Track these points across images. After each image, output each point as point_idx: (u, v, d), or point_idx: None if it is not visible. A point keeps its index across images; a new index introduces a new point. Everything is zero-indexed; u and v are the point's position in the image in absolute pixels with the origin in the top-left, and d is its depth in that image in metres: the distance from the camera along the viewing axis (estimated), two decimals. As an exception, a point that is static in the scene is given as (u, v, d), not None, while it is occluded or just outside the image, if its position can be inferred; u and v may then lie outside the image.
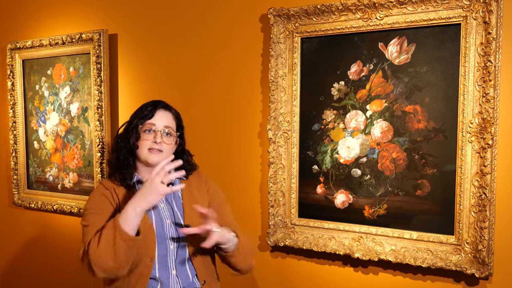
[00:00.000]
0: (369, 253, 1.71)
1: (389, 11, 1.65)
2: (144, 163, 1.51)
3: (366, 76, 1.71)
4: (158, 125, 1.49)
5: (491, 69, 1.49)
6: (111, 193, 1.48)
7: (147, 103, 1.54)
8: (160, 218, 1.47)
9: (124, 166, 1.51)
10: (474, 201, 1.55)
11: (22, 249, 2.75)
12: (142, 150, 1.49)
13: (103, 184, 1.53)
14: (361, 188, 1.75)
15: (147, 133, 1.49)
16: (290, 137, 1.86)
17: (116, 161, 1.53)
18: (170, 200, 1.53)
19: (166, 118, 1.52)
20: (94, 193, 1.52)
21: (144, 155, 1.48)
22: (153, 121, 1.49)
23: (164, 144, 1.49)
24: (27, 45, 2.52)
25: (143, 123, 1.49)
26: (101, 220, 1.42)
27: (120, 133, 1.56)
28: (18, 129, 2.64)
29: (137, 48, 2.26)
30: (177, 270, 1.45)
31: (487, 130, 1.51)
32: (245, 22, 1.96)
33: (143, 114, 1.50)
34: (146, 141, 1.48)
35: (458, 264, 1.57)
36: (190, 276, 1.47)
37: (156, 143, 1.47)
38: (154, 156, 1.48)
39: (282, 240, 1.88)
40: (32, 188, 2.65)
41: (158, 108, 1.52)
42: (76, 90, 2.40)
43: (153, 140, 1.48)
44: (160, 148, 1.48)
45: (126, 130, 1.53)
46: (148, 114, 1.49)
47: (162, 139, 1.49)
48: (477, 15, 1.52)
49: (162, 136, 1.49)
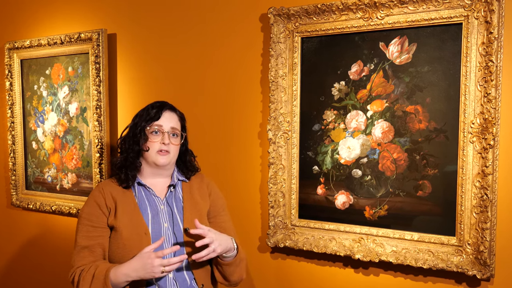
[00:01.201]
0: (369, 254, 1.70)
1: (390, 11, 1.64)
2: (151, 164, 1.52)
3: (367, 76, 1.70)
4: (165, 127, 1.51)
5: (493, 69, 1.48)
6: (105, 201, 1.49)
7: (152, 104, 1.55)
8: (157, 222, 1.47)
9: (131, 168, 1.52)
10: (476, 202, 1.54)
11: (21, 250, 2.74)
12: (151, 151, 1.50)
13: (99, 188, 1.53)
14: (361, 188, 1.73)
15: (154, 134, 1.50)
16: (290, 137, 1.84)
17: (123, 162, 1.52)
18: (171, 202, 1.52)
19: (172, 119, 1.54)
20: (89, 199, 1.53)
21: (153, 157, 1.50)
22: (160, 122, 1.50)
23: (171, 145, 1.50)
24: (26, 45, 2.51)
25: (150, 124, 1.49)
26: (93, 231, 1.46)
27: (125, 135, 1.56)
28: (16, 130, 2.63)
29: (136, 48, 2.24)
30: (175, 274, 1.44)
31: (489, 130, 1.50)
32: (245, 21, 1.95)
33: (149, 116, 1.50)
34: (154, 143, 1.49)
35: (459, 266, 1.56)
36: (188, 280, 1.46)
37: (164, 144, 1.49)
38: (162, 158, 1.49)
39: (282, 241, 1.87)
40: (31, 189, 2.63)
41: (165, 109, 1.53)
42: (75, 90, 2.39)
43: (161, 141, 1.49)
44: (168, 149, 1.50)
45: (133, 132, 1.52)
46: (155, 115, 1.50)
47: (170, 140, 1.50)
48: (478, 15, 1.51)
49: (169, 137, 1.50)
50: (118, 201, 1.47)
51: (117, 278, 1.35)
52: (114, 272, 1.36)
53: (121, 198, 1.48)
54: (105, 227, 1.47)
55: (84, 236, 1.46)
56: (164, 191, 1.54)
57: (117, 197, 1.48)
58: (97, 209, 1.47)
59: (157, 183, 1.55)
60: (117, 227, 1.44)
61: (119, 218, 1.44)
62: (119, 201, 1.47)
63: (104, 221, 1.47)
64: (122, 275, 1.35)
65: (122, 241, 1.42)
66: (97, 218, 1.47)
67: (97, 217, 1.47)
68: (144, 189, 1.53)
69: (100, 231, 1.46)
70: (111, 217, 1.46)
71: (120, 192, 1.50)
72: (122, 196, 1.49)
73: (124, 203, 1.48)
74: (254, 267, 2.00)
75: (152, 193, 1.52)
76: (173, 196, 1.54)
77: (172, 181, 1.56)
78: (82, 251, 1.44)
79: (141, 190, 1.52)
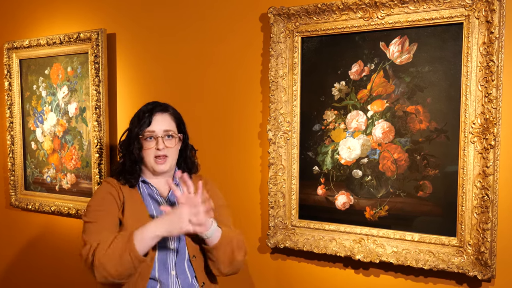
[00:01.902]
0: (370, 255, 1.69)
1: (390, 10, 1.63)
2: (149, 169, 1.52)
3: (367, 76, 1.70)
4: (158, 131, 1.49)
5: (494, 69, 1.48)
6: (117, 191, 1.48)
7: (143, 109, 1.52)
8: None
9: (129, 172, 1.51)
10: (477, 202, 1.54)
11: (20, 250, 2.73)
12: (147, 158, 1.49)
13: (109, 182, 1.52)
14: (362, 189, 1.73)
15: (148, 140, 1.49)
16: (291, 137, 1.84)
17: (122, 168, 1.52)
18: (173, 201, 1.51)
19: (164, 121, 1.51)
20: (99, 191, 1.51)
21: (151, 163, 1.49)
22: (151, 128, 1.48)
23: (167, 149, 1.49)
24: (25, 45, 2.50)
25: (142, 131, 1.48)
26: (105, 217, 1.42)
27: (123, 140, 1.55)
28: (15, 130, 2.62)
29: (136, 48, 2.24)
30: (177, 271, 1.44)
31: (490, 130, 1.50)
32: (245, 21, 1.94)
33: (140, 122, 1.48)
34: (149, 150, 1.48)
35: (460, 266, 1.56)
36: (189, 277, 1.46)
37: (159, 150, 1.47)
38: (160, 166, 1.49)
39: (282, 242, 1.86)
40: (30, 189, 2.62)
41: (154, 113, 1.50)
42: (74, 90, 2.38)
43: (156, 147, 1.47)
44: (165, 154, 1.49)
45: (128, 139, 1.52)
46: (146, 121, 1.48)
47: (165, 144, 1.48)
48: (479, 14, 1.50)
49: (164, 141, 1.48)
50: (126, 197, 1.47)
51: (143, 235, 1.31)
52: (139, 230, 1.32)
53: (128, 194, 1.48)
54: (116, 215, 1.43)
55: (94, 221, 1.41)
56: (167, 190, 1.55)
57: (125, 193, 1.48)
58: (111, 198, 1.45)
59: (160, 182, 1.55)
60: (124, 223, 1.43)
61: (126, 215, 1.44)
62: (126, 198, 1.47)
63: (116, 210, 1.44)
64: (149, 231, 1.32)
65: None
66: (110, 205, 1.43)
67: (110, 204, 1.44)
68: (147, 188, 1.53)
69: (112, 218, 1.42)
70: (120, 211, 1.45)
71: (127, 189, 1.50)
72: (129, 193, 1.49)
73: (131, 200, 1.47)
74: (254, 268, 1.99)
75: (155, 192, 1.52)
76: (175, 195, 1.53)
77: (174, 180, 1.55)
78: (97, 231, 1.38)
79: (144, 189, 1.53)
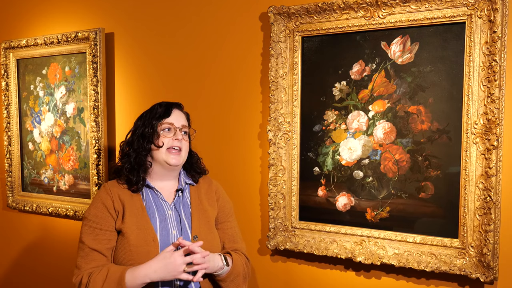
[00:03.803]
0: (371, 257, 1.67)
1: (392, 10, 1.62)
2: (161, 164, 1.48)
3: (369, 76, 1.68)
4: (177, 124, 1.49)
5: (496, 68, 1.46)
6: (113, 202, 1.44)
7: (160, 103, 1.53)
8: (165, 228, 1.43)
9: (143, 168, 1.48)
10: (479, 203, 1.52)
11: (17, 252, 2.71)
12: (161, 151, 1.47)
13: (106, 189, 1.48)
14: (363, 190, 1.71)
15: (166, 131, 1.48)
16: (291, 138, 1.82)
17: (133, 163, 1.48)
18: (179, 207, 1.49)
19: (181, 117, 1.53)
20: (95, 201, 1.48)
21: (163, 157, 1.46)
22: (170, 120, 1.49)
23: (183, 141, 1.49)
24: (22, 44, 2.48)
25: (161, 122, 1.47)
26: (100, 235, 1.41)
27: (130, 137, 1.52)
28: (12, 130, 2.60)
29: (134, 47, 2.22)
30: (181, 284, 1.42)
31: (492, 131, 1.48)
32: (245, 20, 1.93)
33: (158, 113, 1.48)
34: (166, 139, 1.46)
35: (462, 268, 1.54)
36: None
37: (177, 140, 1.46)
38: (173, 158, 1.47)
39: (283, 244, 1.84)
40: (27, 191, 2.60)
41: (174, 107, 1.52)
42: (72, 90, 2.36)
43: (174, 137, 1.46)
44: (180, 146, 1.47)
45: (142, 131, 1.48)
46: (165, 113, 1.48)
47: (183, 137, 1.49)
48: (482, 14, 1.49)
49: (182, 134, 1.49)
50: (126, 204, 1.43)
51: (135, 279, 1.31)
52: (131, 273, 1.32)
53: (129, 201, 1.44)
54: (112, 231, 1.43)
55: (92, 238, 1.41)
56: (172, 196, 1.51)
57: (125, 200, 1.44)
58: (105, 212, 1.43)
59: (165, 186, 1.51)
60: (125, 232, 1.40)
61: (126, 223, 1.40)
62: (127, 204, 1.43)
63: (112, 225, 1.43)
64: (140, 276, 1.31)
65: (129, 247, 1.38)
66: (105, 221, 1.42)
67: (104, 220, 1.42)
68: (152, 192, 1.49)
69: (108, 235, 1.42)
70: (119, 220, 1.42)
71: (128, 195, 1.46)
72: (130, 199, 1.45)
73: (132, 206, 1.44)
74: (254, 270, 1.97)
75: (160, 197, 1.49)
76: (181, 201, 1.50)
77: (179, 185, 1.52)
78: (90, 254, 1.39)
79: (148, 194, 1.49)
